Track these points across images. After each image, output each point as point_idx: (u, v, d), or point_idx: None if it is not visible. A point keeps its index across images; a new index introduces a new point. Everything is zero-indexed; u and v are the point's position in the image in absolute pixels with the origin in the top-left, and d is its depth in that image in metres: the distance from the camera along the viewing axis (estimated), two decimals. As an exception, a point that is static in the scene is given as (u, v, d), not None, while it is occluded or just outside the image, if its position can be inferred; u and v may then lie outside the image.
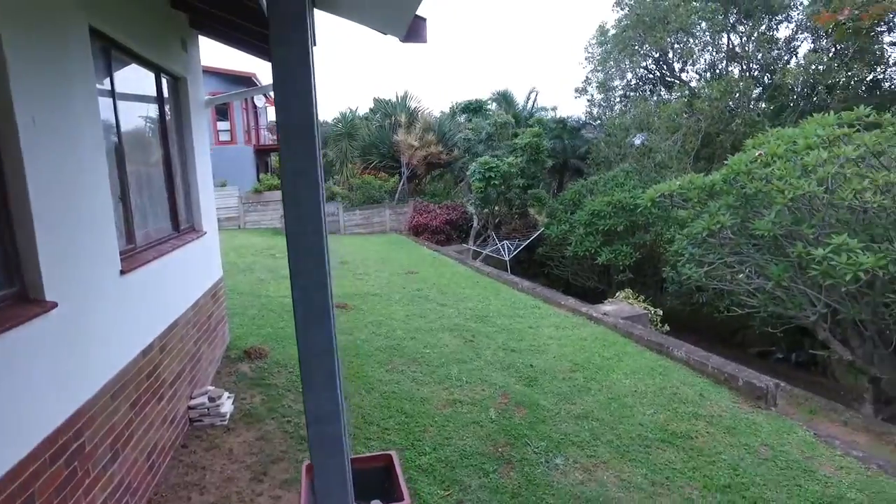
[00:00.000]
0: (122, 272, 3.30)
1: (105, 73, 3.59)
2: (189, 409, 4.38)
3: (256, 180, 22.65)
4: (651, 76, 22.90)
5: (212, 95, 6.58)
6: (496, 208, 17.47)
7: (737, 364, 5.80)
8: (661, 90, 22.43)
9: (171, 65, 4.75)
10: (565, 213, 15.65)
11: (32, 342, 2.30)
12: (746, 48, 19.38)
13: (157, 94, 4.62)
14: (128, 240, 3.75)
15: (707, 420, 4.67)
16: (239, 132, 23.20)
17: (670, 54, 21.26)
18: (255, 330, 6.60)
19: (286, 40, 1.46)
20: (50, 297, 2.43)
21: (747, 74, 19.28)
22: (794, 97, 18.57)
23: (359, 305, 8.14)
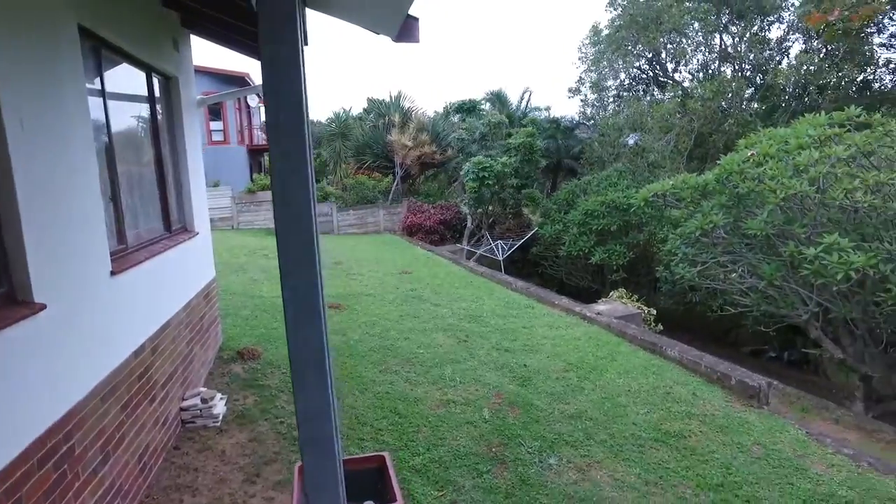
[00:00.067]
0: (113, 273, 3.28)
1: (95, 73, 3.56)
2: (181, 410, 4.35)
3: (250, 180, 22.55)
4: (644, 76, 23.01)
5: (204, 95, 6.55)
6: (490, 208, 17.48)
7: (730, 363, 5.82)
8: (654, 90, 22.55)
9: (163, 64, 4.72)
10: (559, 213, 15.69)
11: (20, 344, 2.28)
12: (739, 48, 19.51)
13: (148, 94, 4.59)
14: (119, 240, 3.72)
15: (700, 419, 4.68)
16: (232, 132, 23.11)
17: (663, 54, 21.37)
18: (248, 331, 6.57)
19: (276, 39, 1.46)
20: (39, 298, 2.41)
21: (739, 75, 19.41)
22: (786, 97, 18.70)
23: (352, 306, 8.12)
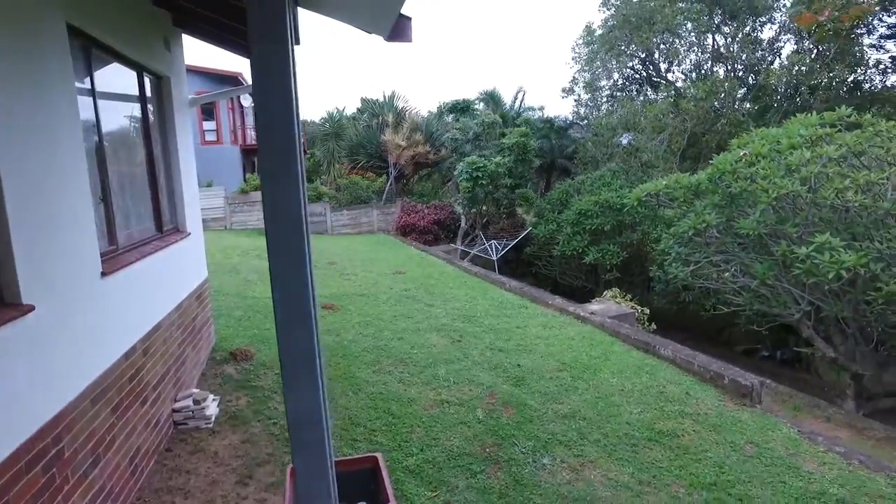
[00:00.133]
0: (104, 274, 3.25)
1: (85, 72, 3.53)
2: (173, 412, 4.32)
3: (243, 180, 22.46)
4: (637, 76, 23.09)
5: (197, 95, 6.51)
6: (484, 208, 17.49)
7: (722, 362, 5.84)
8: (647, 90, 22.63)
9: (154, 63, 4.69)
10: (553, 213, 15.70)
11: (7, 346, 2.25)
12: (731, 49, 19.61)
13: (139, 94, 4.56)
14: (109, 241, 3.69)
15: (693, 418, 4.70)
16: (225, 132, 23.00)
17: (656, 54, 21.44)
18: (241, 331, 6.54)
19: (265, 38, 1.44)
20: (27, 300, 2.38)
21: (732, 75, 19.50)
22: (778, 98, 18.82)
23: (346, 306, 8.10)
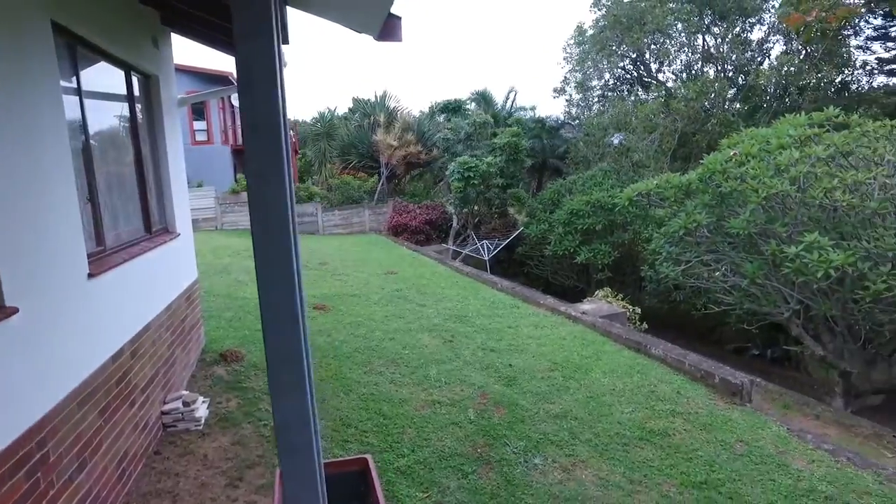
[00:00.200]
0: (91, 275, 3.21)
1: (71, 71, 3.48)
2: (162, 414, 4.28)
3: (234, 180, 22.30)
4: (628, 76, 23.20)
5: (186, 94, 6.46)
6: (475, 208, 17.49)
7: (713, 361, 5.87)
8: (638, 90, 22.76)
9: (142, 62, 4.64)
10: (544, 213, 15.74)
11: (-9, 349, 2.22)
12: (721, 49, 19.75)
13: (127, 93, 4.51)
14: (97, 242, 3.65)
15: (684, 417, 4.72)
16: (216, 132, 22.83)
17: (647, 55, 21.56)
18: (231, 332, 6.49)
19: (251, 36, 1.42)
20: (10, 302, 2.35)
21: (722, 75, 19.64)
22: (768, 98, 18.99)
23: (337, 306, 8.07)
